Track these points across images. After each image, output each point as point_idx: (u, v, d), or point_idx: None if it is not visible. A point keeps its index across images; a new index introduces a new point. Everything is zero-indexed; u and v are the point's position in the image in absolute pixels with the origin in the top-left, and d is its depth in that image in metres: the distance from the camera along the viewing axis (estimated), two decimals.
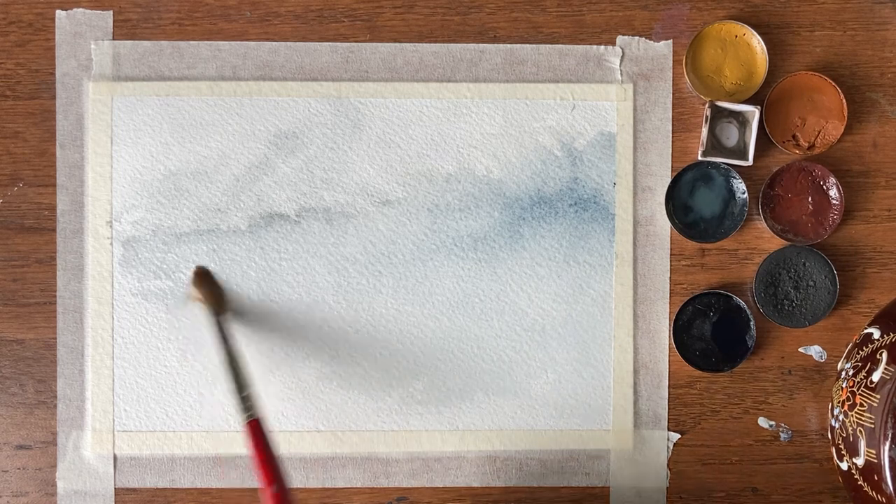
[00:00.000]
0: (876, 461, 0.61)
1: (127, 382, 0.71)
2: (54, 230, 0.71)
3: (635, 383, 0.71)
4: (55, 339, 0.71)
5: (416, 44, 0.72)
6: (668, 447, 0.72)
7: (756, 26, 0.71)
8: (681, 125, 0.72)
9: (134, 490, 0.71)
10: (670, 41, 0.72)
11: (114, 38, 0.71)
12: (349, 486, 0.71)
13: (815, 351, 0.72)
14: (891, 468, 0.61)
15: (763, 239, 0.72)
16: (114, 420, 0.71)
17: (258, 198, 0.71)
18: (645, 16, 0.72)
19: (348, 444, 0.71)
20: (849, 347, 0.69)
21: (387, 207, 0.71)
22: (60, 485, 0.71)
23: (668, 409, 0.72)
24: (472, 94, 0.72)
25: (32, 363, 0.71)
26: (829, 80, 0.70)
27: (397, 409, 0.71)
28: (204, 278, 0.69)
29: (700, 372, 0.71)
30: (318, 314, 0.71)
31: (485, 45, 0.72)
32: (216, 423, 0.71)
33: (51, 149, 0.71)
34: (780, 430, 0.72)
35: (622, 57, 0.72)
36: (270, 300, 0.71)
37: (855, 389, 0.64)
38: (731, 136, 0.71)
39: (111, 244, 0.71)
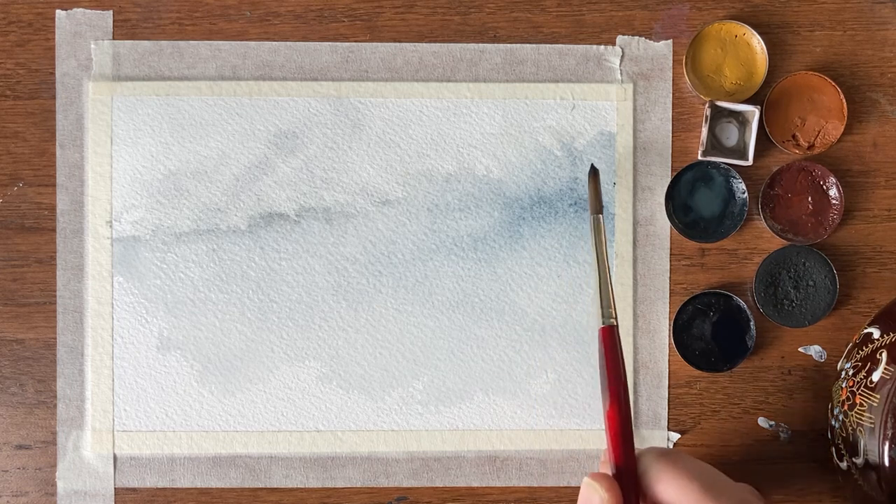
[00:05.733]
0: (876, 461, 0.61)
1: (127, 382, 0.71)
2: (54, 230, 0.71)
3: (635, 383, 0.71)
4: (55, 339, 0.71)
5: (416, 44, 0.72)
6: (668, 447, 0.72)
7: (756, 26, 0.71)
8: (681, 125, 0.72)
9: (134, 490, 0.71)
10: (670, 41, 0.72)
11: (114, 38, 0.71)
12: (349, 485, 0.71)
13: (815, 351, 0.72)
14: (891, 468, 0.61)
15: (763, 239, 0.72)
16: (114, 420, 0.71)
17: (258, 198, 0.71)
18: (645, 16, 0.72)
19: (348, 444, 0.71)
20: (849, 347, 0.69)
21: (387, 207, 0.71)
22: (60, 485, 0.71)
23: (668, 409, 0.72)
24: (472, 93, 0.72)
25: (32, 363, 0.71)
26: (829, 80, 0.70)
27: (397, 409, 0.71)
28: (595, 176, 0.69)
29: (700, 372, 0.71)
30: (318, 314, 0.71)
31: (485, 44, 0.72)
32: (216, 423, 0.71)
33: (51, 149, 0.71)
34: (780, 430, 0.72)
35: (622, 57, 0.72)
36: (270, 300, 0.71)
37: (855, 389, 0.64)
38: (731, 135, 0.71)
39: (111, 244, 0.71)
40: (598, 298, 0.65)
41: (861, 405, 0.63)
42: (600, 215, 0.68)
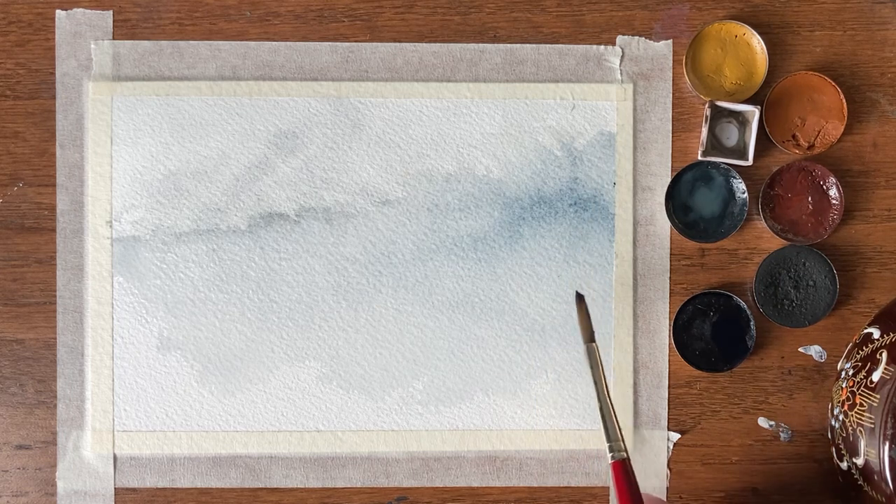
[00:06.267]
0: (876, 461, 0.61)
1: (127, 382, 0.71)
2: (54, 230, 0.71)
3: (635, 383, 0.71)
4: (55, 339, 0.71)
5: (416, 44, 0.72)
6: (668, 447, 0.72)
7: (756, 26, 0.71)
8: (681, 125, 0.72)
9: (134, 490, 0.71)
10: (670, 41, 0.72)
11: (114, 38, 0.71)
12: (349, 486, 0.71)
13: (815, 351, 0.72)
14: (891, 468, 0.61)
15: (763, 239, 0.72)
16: (114, 420, 0.71)
17: (258, 198, 0.71)
18: (645, 16, 0.72)
19: (348, 444, 0.71)
20: (849, 347, 0.69)
21: (387, 207, 0.71)
22: (60, 485, 0.71)
23: (668, 409, 0.72)
24: (472, 93, 0.72)
25: (32, 363, 0.71)
26: (829, 80, 0.70)
27: (397, 409, 0.71)
28: (581, 303, 0.67)
29: (700, 372, 0.71)
30: (318, 314, 0.71)
31: (485, 44, 0.72)
32: (216, 423, 0.71)
33: (51, 149, 0.71)
34: (780, 430, 0.72)
35: (622, 57, 0.72)
36: (270, 300, 0.71)
37: (855, 389, 0.64)
38: (731, 135, 0.71)
39: (111, 244, 0.71)
40: (602, 430, 0.63)
41: (861, 405, 0.63)
42: (594, 344, 0.66)
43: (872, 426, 0.62)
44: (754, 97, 0.71)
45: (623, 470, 0.59)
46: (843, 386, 0.66)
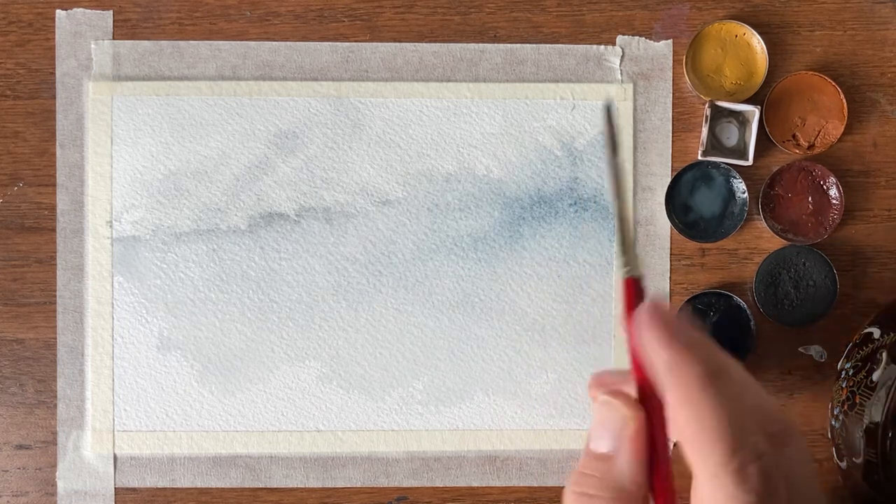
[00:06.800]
0: (876, 461, 0.61)
1: (127, 382, 0.71)
2: (54, 230, 0.71)
3: None
4: (55, 339, 0.71)
5: (416, 43, 0.72)
6: (668, 447, 0.71)
7: (756, 26, 0.71)
8: (681, 125, 0.72)
9: (134, 490, 0.71)
10: (670, 41, 0.72)
11: (114, 38, 0.71)
12: (349, 485, 0.71)
13: (815, 351, 0.72)
14: (891, 468, 0.61)
15: (763, 239, 0.72)
16: (114, 420, 0.71)
17: (258, 197, 0.71)
18: (645, 16, 0.72)
19: (348, 444, 0.71)
20: (849, 347, 0.69)
21: (387, 207, 0.71)
22: (60, 484, 0.71)
23: None
24: (472, 93, 0.72)
25: (32, 363, 0.71)
26: (829, 80, 0.70)
27: (397, 409, 0.71)
28: (608, 115, 0.53)
29: None
30: (318, 314, 0.71)
31: (485, 44, 0.72)
32: (216, 423, 0.71)
33: (51, 149, 0.71)
34: None
35: (622, 57, 0.72)
36: (270, 300, 0.71)
37: (855, 389, 0.64)
38: (731, 135, 0.71)
39: (111, 244, 0.71)
40: (618, 246, 0.51)
41: (861, 405, 0.63)
42: (617, 157, 0.51)
43: (873, 426, 0.62)
44: (754, 97, 0.71)
45: (636, 288, 0.50)
46: (843, 386, 0.66)
